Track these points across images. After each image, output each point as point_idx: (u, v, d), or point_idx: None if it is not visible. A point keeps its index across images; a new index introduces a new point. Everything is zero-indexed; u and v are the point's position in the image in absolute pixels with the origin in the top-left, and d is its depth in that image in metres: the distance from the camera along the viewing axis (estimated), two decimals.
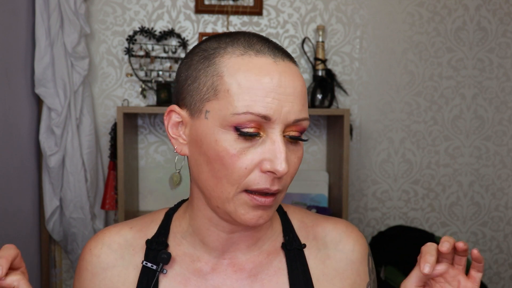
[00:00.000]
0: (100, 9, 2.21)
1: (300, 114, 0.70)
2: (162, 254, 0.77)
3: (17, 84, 1.94)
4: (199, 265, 0.79)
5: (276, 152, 0.67)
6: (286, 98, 0.68)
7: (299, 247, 0.82)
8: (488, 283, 2.45)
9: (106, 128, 2.23)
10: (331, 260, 0.83)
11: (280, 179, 0.70)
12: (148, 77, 2.19)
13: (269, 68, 0.69)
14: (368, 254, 0.87)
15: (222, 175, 0.69)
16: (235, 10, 2.24)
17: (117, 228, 0.84)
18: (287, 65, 0.71)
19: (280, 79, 0.68)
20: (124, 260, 0.81)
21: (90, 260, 0.81)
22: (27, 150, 2.04)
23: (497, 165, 2.41)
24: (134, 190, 2.22)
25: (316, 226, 0.85)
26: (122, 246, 0.81)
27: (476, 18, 2.34)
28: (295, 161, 0.71)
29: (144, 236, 0.82)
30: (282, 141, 0.68)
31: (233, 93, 0.68)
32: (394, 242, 2.17)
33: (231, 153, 0.68)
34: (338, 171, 2.12)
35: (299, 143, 0.72)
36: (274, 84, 0.68)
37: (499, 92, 2.38)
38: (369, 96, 2.33)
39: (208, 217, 0.77)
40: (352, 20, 2.30)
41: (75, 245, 2.13)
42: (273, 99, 0.67)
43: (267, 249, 0.81)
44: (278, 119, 0.68)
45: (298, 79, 0.71)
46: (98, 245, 0.82)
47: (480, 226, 2.44)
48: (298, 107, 0.70)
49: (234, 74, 0.69)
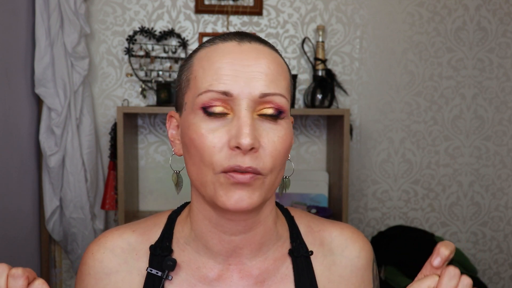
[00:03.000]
0: (100, 9, 2.21)
1: (266, 89, 0.69)
2: (168, 261, 0.76)
3: (17, 84, 1.94)
4: (205, 271, 0.78)
5: (240, 126, 0.67)
6: (249, 74, 0.69)
7: (306, 254, 0.81)
8: (488, 283, 2.45)
9: (106, 128, 2.23)
10: (336, 267, 0.82)
11: (253, 156, 0.68)
12: (148, 77, 2.19)
13: (232, 49, 0.71)
14: (373, 260, 0.86)
15: (198, 159, 0.70)
16: (235, 10, 2.24)
17: (119, 231, 0.82)
18: (254, 46, 0.72)
19: (242, 58, 0.70)
20: (127, 265, 0.79)
21: (92, 265, 0.80)
22: (27, 150, 2.04)
23: (497, 165, 2.41)
24: (134, 190, 2.22)
25: (322, 231, 0.84)
26: (125, 250, 0.80)
27: (476, 18, 2.34)
28: (274, 140, 0.70)
29: (147, 241, 0.81)
30: (247, 116, 0.68)
31: (199, 77, 0.71)
32: (394, 242, 2.17)
33: (199, 133, 0.69)
34: (338, 171, 2.12)
35: (280, 122, 0.71)
36: (235, 62, 0.69)
37: (499, 92, 2.38)
38: (369, 96, 2.33)
39: (208, 218, 0.76)
40: (352, 20, 2.30)
41: (75, 245, 2.13)
42: (234, 76, 0.69)
43: (273, 255, 0.80)
44: (241, 94, 0.68)
45: (266, 58, 0.72)
46: (100, 249, 0.80)
47: (480, 226, 2.44)
48: (264, 82, 0.69)
49: (200, 61, 0.73)
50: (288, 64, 2.32)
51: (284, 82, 0.72)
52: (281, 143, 0.70)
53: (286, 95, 0.72)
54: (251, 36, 0.74)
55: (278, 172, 0.72)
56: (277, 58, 0.74)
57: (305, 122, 2.33)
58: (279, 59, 0.74)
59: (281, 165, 0.72)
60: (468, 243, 2.43)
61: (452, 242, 2.41)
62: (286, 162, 0.75)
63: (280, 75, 0.72)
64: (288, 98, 0.73)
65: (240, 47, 0.71)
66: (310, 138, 2.34)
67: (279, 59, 0.75)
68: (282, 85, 0.72)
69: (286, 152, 0.72)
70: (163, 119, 2.28)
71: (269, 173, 0.70)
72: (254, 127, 0.68)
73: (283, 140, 0.70)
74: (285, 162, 0.74)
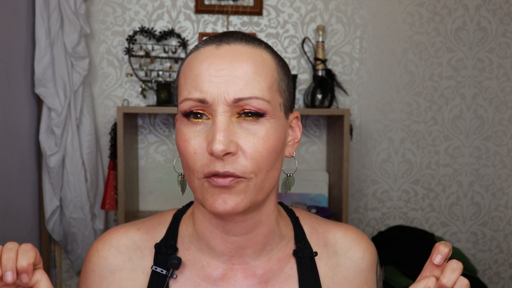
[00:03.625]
0: (100, 9, 2.21)
1: (241, 93, 0.68)
2: (173, 260, 0.76)
3: (17, 84, 1.94)
4: (209, 270, 0.78)
5: (214, 132, 0.67)
6: (223, 79, 0.68)
7: (311, 255, 0.81)
8: (488, 283, 2.45)
9: (106, 128, 2.23)
10: (340, 268, 0.82)
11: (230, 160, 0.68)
12: (148, 77, 2.19)
13: (209, 54, 0.71)
14: (377, 262, 0.86)
15: (185, 164, 0.71)
16: (235, 10, 2.24)
17: (124, 229, 0.82)
18: (232, 48, 0.71)
19: (218, 62, 0.69)
20: (132, 263, 0.79)
21: (97, 262, 0.80)
22: (27, 150, 2.04)
23: (497, 165, 2.41)
24: (134, 190, 2.22)
25: (327, 232, 0.84)
26: (130, 248, 0.80)
27: (476, 18, 2.34)
28: (254, 142, 0.69)
29: (152, 239, 0.81)
30: (222, 121, 0.67)
31: (181, 85, 0.73)
32: (394, 242, 2.17)
33: (183, 139, 0.70)
34: (338, 171, 2.12)
35: (262, 122, 0.70)
36: (211, 68, 0.69)
37: (499, 92, 2.38)
38: (369, 96, 2.33)
39: (208, 219, 0.77)
40: (352, 20, 2.30)
41: (75, 245, 2.13)
42: (210, 82, 0.68)
43: (277, 255, 0.80)
44: (216, 101, 0.68)
45: (242, 60, 0.70)
46: (105, 246, 0.80)
47: (480, 226, 2.44)
48: (238, 86, 0.68)
49: (184, 69, 0.73)
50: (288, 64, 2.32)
51: (264, 82, 0.70)
52: (263, 144, 0.69)
53: (266, 96, 0.70)
54: (233, 37, 0.73)
55: (266, 173, 0.71)
56: (259, 56, 0.72)
57: (305, 122, 2.33)
58: (261, 57, 0.72)
59: (269, 165, 0.71)
60: (468, 243, 2.43)
61: (452, 242, 2.42)
62: (280, 160, 0.74)
63: (259, 75, 0.70)
64: (269, 98, 0.70)
65: (217, 51, 0.71)
66: (310, 138, 2.34)
67: (262, 56, 0.72)
68: (259, 86, 0.70)
69: (270, 153, 0.70)
70: (163, 119, 2.28)
71: (253, 175, 0.69)
72: (231, 131, 0.68)
73: (264, 141, 0.69)
74: (276, 161, 0.73)
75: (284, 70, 0.76)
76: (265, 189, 0.72)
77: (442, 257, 0.69)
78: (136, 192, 2.26)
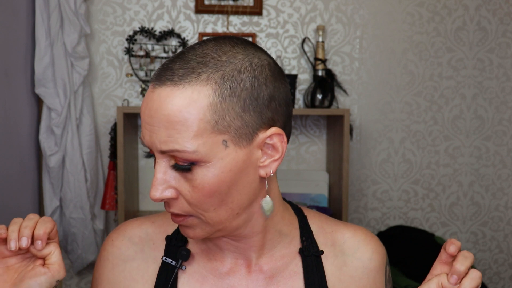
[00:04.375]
0: (100, 9, 2.21)
1: (163, 146, 0.66)
2: (182, 251, 0.79)
3: (17, 84, 1.94)
4: (216, 264, 0.80)
5: (153, 178, 0.69)
6: (151, 128, 0.67)
7: (317, 253, 0.81)
8: (488, 283, 2.45)
9: (106, 128, 2.23)
10: (347, 267, 0.82)
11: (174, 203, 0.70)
12: (148, 77, 2.19)
13: (147, 96, 0.69)
14: (386, 263, 0.86)
15: None
16: (235, 10, 2.24)
17: (139, 221, 0.85)
18: (163, 89, 0.66)
19: (150, 107, 0.67)
20: (144, 253, 0.82)
21: (111, 251, 0.83)
22: (27, 150, 2.04)
23: (497, 165, 2.41)
24: (134, 190, 2.22)
25: (335, 232, 0.84)
26: (143, 239, 0.83)
27: (476, 18, 2.34)
28: (189, 189, 0.67)
29: (165, 232, 0.83)
30: (158, 170, 0.68)
31: None
32: (394, 242, 2.17)
33: None
34: (338, 171, 2.12)
35: (194, 170, 0.66)
36: (146, 113, 0.68)
37: (499, 92, 2.38)
38: (369, 96, 2.33)
39: None
40: (352, 20, 2.30)
41: (75, 245, 2.13)
42: (145, 129, 0.68)
43: (280, 252, 0.80)
44: (151, 147, 0.69)
45: (166, 107, 0.65)
46: (119, 236, 0.83)
47: (480, 226, 2.44)
48: (162, 137, 0.65)
49: None
50: (288, 64, 2.34)
51: (189, 132, 0.64)
52: (197, 191, 0.67)
53: (189, 148, 0.64)
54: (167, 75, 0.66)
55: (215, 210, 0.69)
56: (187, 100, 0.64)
57: (305, 122, 2.33)
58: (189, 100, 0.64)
59: (215, 204, 0.68)
60: (468, 243, 2.43)
61: None
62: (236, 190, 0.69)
63: (183, 124, 0.64)
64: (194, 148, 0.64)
65: (152, 94, 0.67)
66: (310, 138, 2.34)
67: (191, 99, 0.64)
68: (184, 136, 0.64)
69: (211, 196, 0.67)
70: None
71: (198, 214, 0.70)
72: (168, 177, 0.68)
73: (198, 189, 0.67)
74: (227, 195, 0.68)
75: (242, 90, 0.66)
76: (223, 221, 0.71)
77: (456, 247, 0.71)
78: (136, 192, 2.26)
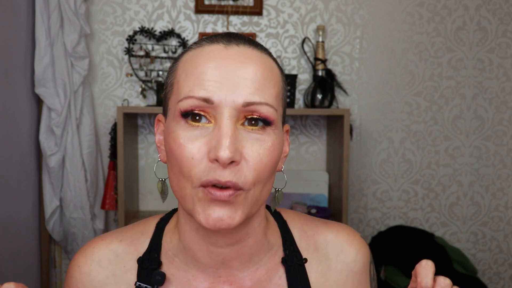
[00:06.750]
0: (100, 9, 2.21)
1: (251, 97, 0.64)
2: (156, 276, 0.73)
3: (17, 84, 1.94)
4: (195, 284, 0.74)
5: (220, 137, 0.62)
6: (234, 80, 0.64)
7: (300, 262, 0.77)
8: (488, 283, 2.45)
9: (106, 128, 2.23)
10: (332, 272, 0.79)
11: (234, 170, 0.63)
12: (148, 77, 2.19)
13: (217, 53, 0.66)
14: (370, 262, 0.84)
15: (177, 170, 0.66)
16: (235, 10, 2.24)
17: (105, 241, 0.78)
18: (242, 49, 0.67)
19: (227, 63, 0.65)
20: (116, 278, 0.76)
21: (80, 278, 0.76)
22: (27, 150, 2.04)
23: (497, 165, 2.41)
24: (134, 190, 2.22)
25: (317, 234, 0.81)
26: (113, 262, 0.77)
27: (476, 18, 2.34)
28: (259, 152, 0.64)
29: (135, 251, 0.77)
30: (229, 126, 0.63)
31: (181, 82, 0.67)
32: (394, 242, 2.17)
33: (178, 142, 0.65)
34: (338, 171, 2.12)
35: (268, 132, 0.66)
36: (220, 67, 0.65)
37: (499, 92, 2.38)
38: (369, 96, 2.33)
39: (195, 229, 0.73)
40: (352, 20, 2.30)
41: (75, 245, 2.13)
42: (216, 82, 0.64)
43: (265, 265, 0.76)
44: (223, 102, 0.63)
45: (254, 63, 0.66)
46: (87, 261, 0.77)
47: (480, 226, 2.44)
48: (248, 89, 0.64)
49: (184, 65, 0.69)
50: (288, 64, 2.34)
51: (273, 90, 0.67)
52: (267, 155, 0.65)
53: (274, 104, 0.66)
54: (241, 38, 0.69)
55: (263, 186, 0.67)
56: (268, 62, 0.69)
57: (305, 122, 2.33)
58: (269, 63, 0.69)
59: (267, 179, 0.67)
60: (468, 243, 2.43)
61: (452, 242, 2.42)
62: (274, 174, 0.70)
63: (269, 82, 0.67)
64: (276, 107, 0.67)
65: (226, 51, 0.67)
66: (310, 138, 2.34)
67: (270, 63, 0.69)
68: (270, 93, 0.66)
69: (273, 165, 0.67)
70: None
71: (251, 187, 0.65)
72: (236, 138, 0.63)
73: (269, 152, 0.65)
74: (273, 174, 0.69)
75: (285, 81, 0.73)
76: (260, 202, 0.68)
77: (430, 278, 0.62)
78: (136, 192, 2.26)
